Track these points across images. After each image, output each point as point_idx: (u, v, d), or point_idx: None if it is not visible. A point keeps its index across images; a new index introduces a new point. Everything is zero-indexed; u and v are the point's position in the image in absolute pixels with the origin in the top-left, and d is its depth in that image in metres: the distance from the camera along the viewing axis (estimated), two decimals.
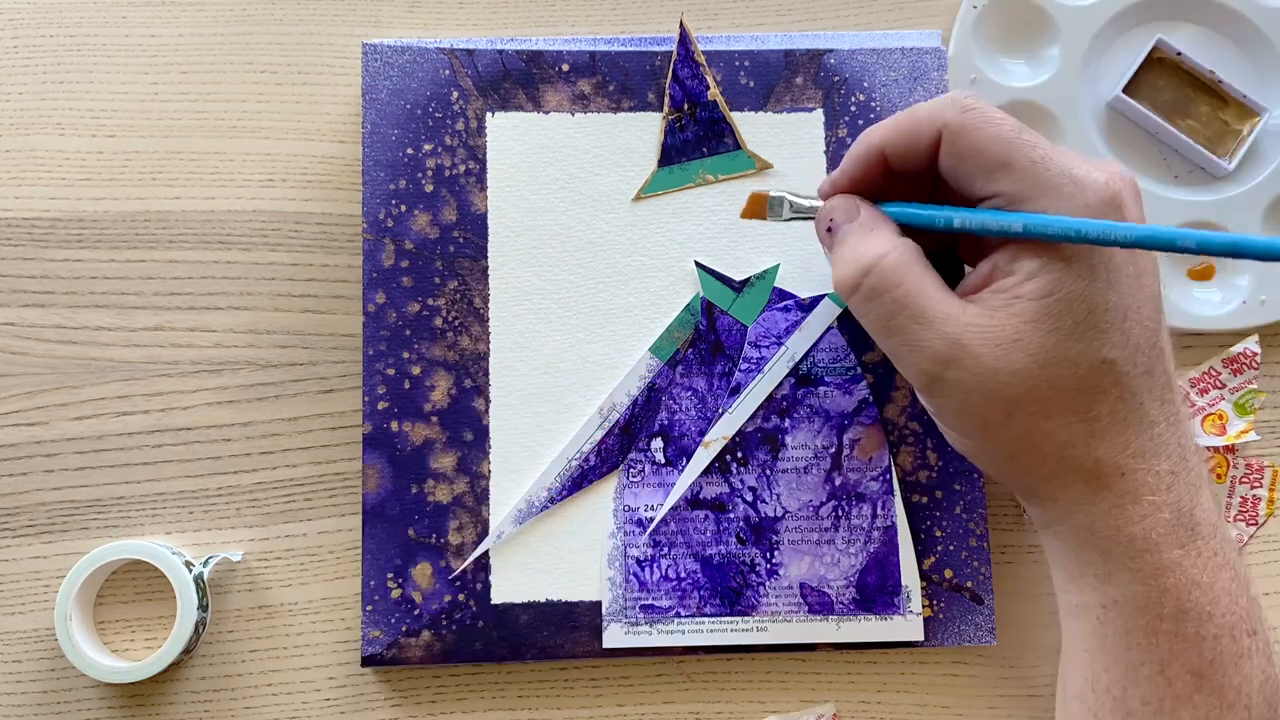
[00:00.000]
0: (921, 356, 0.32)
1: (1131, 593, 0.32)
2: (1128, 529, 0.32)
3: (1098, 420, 0.32)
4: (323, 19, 0.46)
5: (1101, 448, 0.32)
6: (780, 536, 0.42)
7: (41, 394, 0.43)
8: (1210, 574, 0.32)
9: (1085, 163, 0.32)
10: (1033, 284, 0.31)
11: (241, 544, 0.43)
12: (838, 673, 0.43)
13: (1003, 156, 0.32)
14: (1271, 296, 0.44)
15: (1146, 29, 0.46)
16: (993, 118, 0.33)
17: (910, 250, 0.33)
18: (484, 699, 0.42)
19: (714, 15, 0.47)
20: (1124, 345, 0.32)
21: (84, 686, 0.42)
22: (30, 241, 0.44)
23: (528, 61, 0.44)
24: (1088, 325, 0.31)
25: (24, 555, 0.42)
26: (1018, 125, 0.33)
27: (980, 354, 0.31)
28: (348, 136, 0.45)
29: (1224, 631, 0.31)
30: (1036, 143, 0.32)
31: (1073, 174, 0.32)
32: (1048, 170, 0.32)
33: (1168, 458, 0.32)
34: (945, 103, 0.34)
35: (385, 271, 0.43)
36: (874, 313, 0.33)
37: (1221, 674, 0.31)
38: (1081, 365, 0.31)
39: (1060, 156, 0.32)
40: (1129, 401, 0.32)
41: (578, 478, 0.42)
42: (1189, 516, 0.32)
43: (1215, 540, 0.32)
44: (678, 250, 0.43)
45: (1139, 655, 0.32)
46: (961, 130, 0.33)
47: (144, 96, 0.45)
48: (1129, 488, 0.32)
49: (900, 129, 0.34)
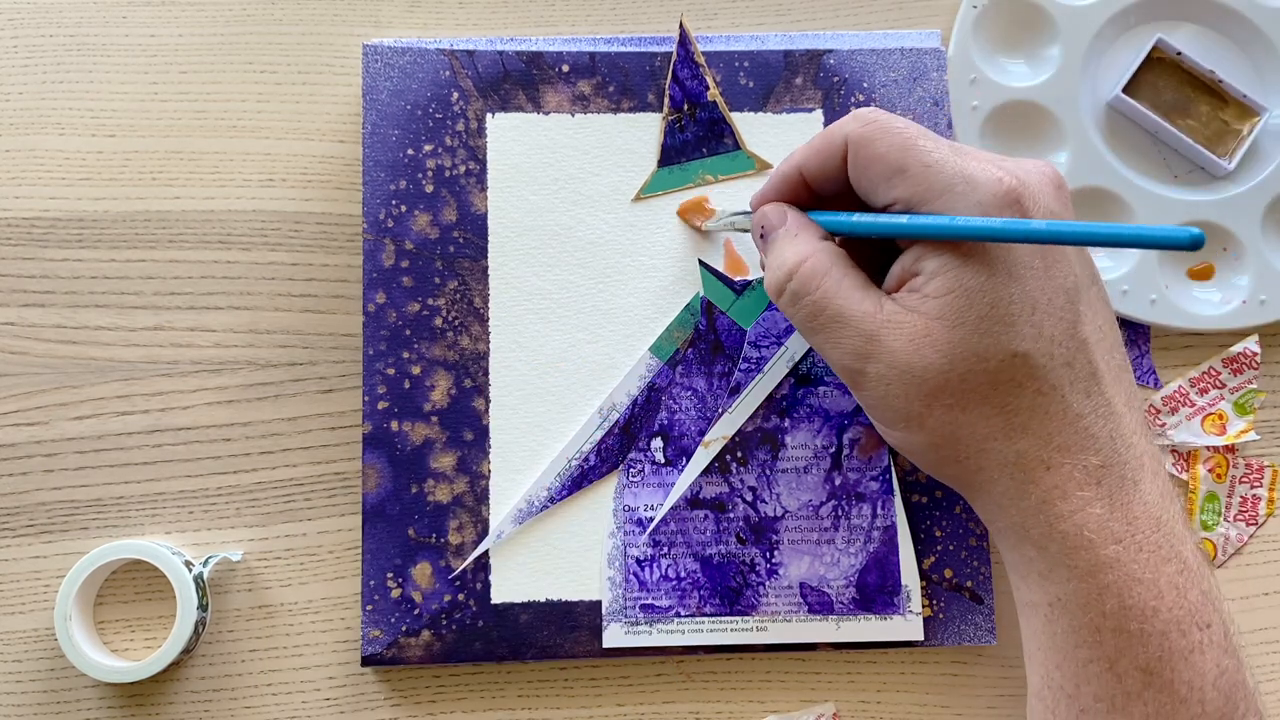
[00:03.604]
0: (842, 352, 0.34)
1: (1072, 589, 0.32)
2: (1059, 525, 0.32)
3: (1016, 414, 0.32)
4: (323, 19, 0.46)
5: (1022, 441, 0.32)
6: (780, 536, 0.42)
7: (41, 394, 0.43)
8: (1152, 569, 0.31)
9: (988, 163, 0.33)
10: (935, 282, 0.32)
11: (241, 544, 0.43)
12: (838, 673, 0.43)
13: (899, 163, 0.33)
14: (1271, 296, 0.44)
15: (1146, 29, 0.46)
16: (890, 127, 0.34)
17: (830, 253, 0.35)
18: (484, 699, 0.42)
19: (714, 15, 0.47)
20: (1036, 338, 0.32)
21: (84, 686, 0.42)
22: (30, 241, 0.44)
23: (528, 62, 0.44)
24: (992, 319, 0.32)
25: (24, 555, 0.42)
26: (918, 132, 0.34)
27: (894, 349, 0.32)
28: (348, 136, 0.45)
29: (1171, 627, 0.31)
30: (933, 148, 0.33)
31: (966, 174, 0.32)
32: (941, 173, 0.32)
33: (1097, 451, 0.32)
34: (850, 118, 0.35)
35: (385, 271, 0.43)
36: (799, 314, 0.35)
37: (1171, 669, 0.31)
38: (991, 359, 0.32)
39: (958, 159, 0.33)
40: (1048, 395, 0.32)
41: (578, 477, 0.42)
42: (1125, 510, 0.32)
43: (1158, 534, 0.32)
44: (678, 250, 0.43)
45: (1087, 653, 0.32)
46: (861, 141, 0.34)
47: (144, 96, 0.45)
48: (1055, 482, 0.32)
49: (812, 149, 0.36)
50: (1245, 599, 0.44)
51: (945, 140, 0.34)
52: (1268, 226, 0.45)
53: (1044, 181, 0.33)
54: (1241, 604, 0.44)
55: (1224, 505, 0.44)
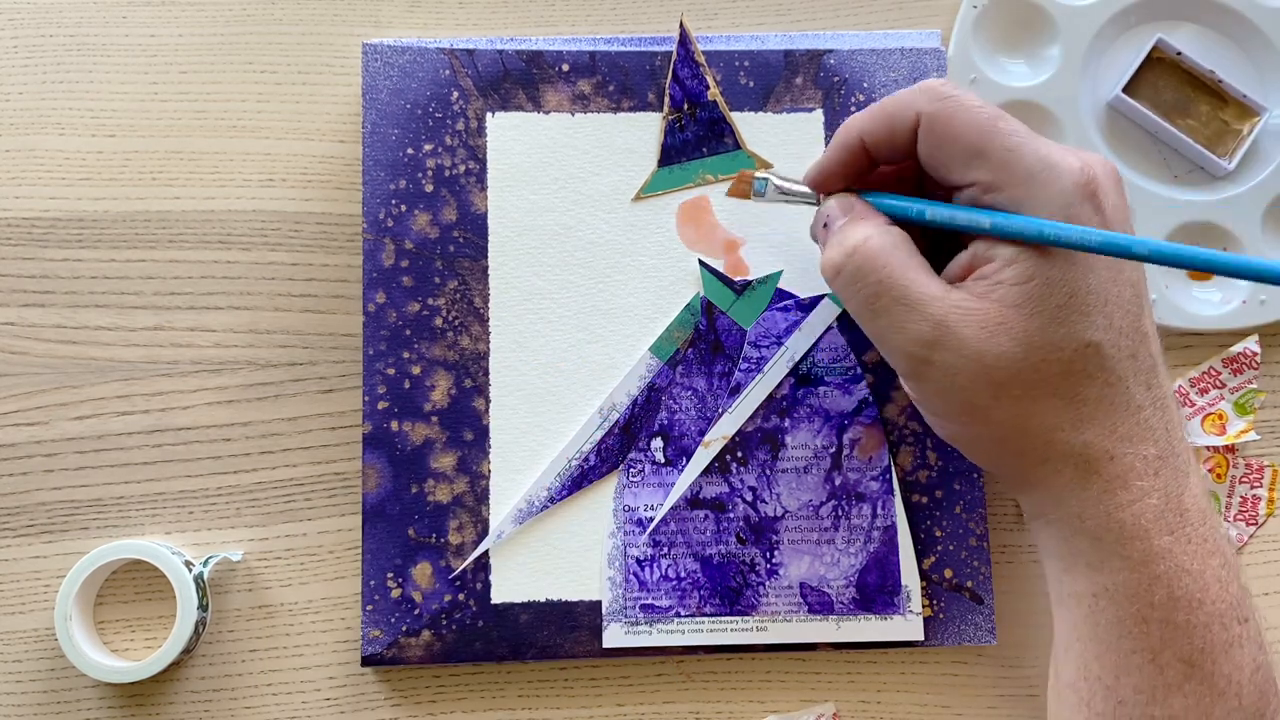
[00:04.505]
0: (906, 339, 0.33)
1: (1123, 580, 0.32)
2: (1117, 515, 0.32)
3: (1084, 404, 0.32)
4: (323, 19, 0.46)
5: (1089, 431, 0.32)
6: (780, 536, 0.42)
7: (41, 394, 0.43)
8: (1200, 561, 0.32)
9: (1062, 150, 0.33)
10: (1012, 270, 0.32)
11: (241, 544, 0.43)
12: (838, 672, 0.43)
13: (978, 145, 0.33)
14: (1271, 296, 0.44)
15: (1146, 29, 0.46)
16: (969, 105, 0.33)
17: (895, 235, 0.34)
18: (484, 699, 0.42)
19: (714, 15, 0.47)
20: (1107, 329, 0.32)
21: (84, 686, 0.42)
22: (30, 241, 0.44)
23: (528, 62, 0.44)
24: (1070, 309, 0.31)
25: (24, 555, 0.42)
26: (994, 112, 0.33)
27: (965, 336, 0.32)
28: (348, 136, 0.45)
29: (1214, 619, 0.31)
30: (1013, 130, 0.33)
31: (1049, 160, 0.32)
32: (1023, 158, 0.32)
33: (1154, 442, 0.32)
34: (921, 90, 0.34)
35: (385, 271, 0.43)
36: (859, 295, 0.34)
37: (1212, 662, 0.31)
38: (1066, 349, 0.32)
39: (1036, 144, 0.32)
40: (1115, 385, 0.32)
41: (578, 477, 0.42)
42: (1177, 502, 0.32)
43: (1205, 526, 0.32)
44: (678, 250, 0.43)
45: (1131, 643, 0.32)
46: (936, 119, 0.33)
47: (144, 96, 0.45)
48: (1117, 472, 0.32)
49: (878, 119, 0.35)
50: None
51: (1018, 121, 0.33)
52: (1268, 226, 0.45)
53: (1109, 173, 0.33)
54: None
55: (1224, 505, 0.44)
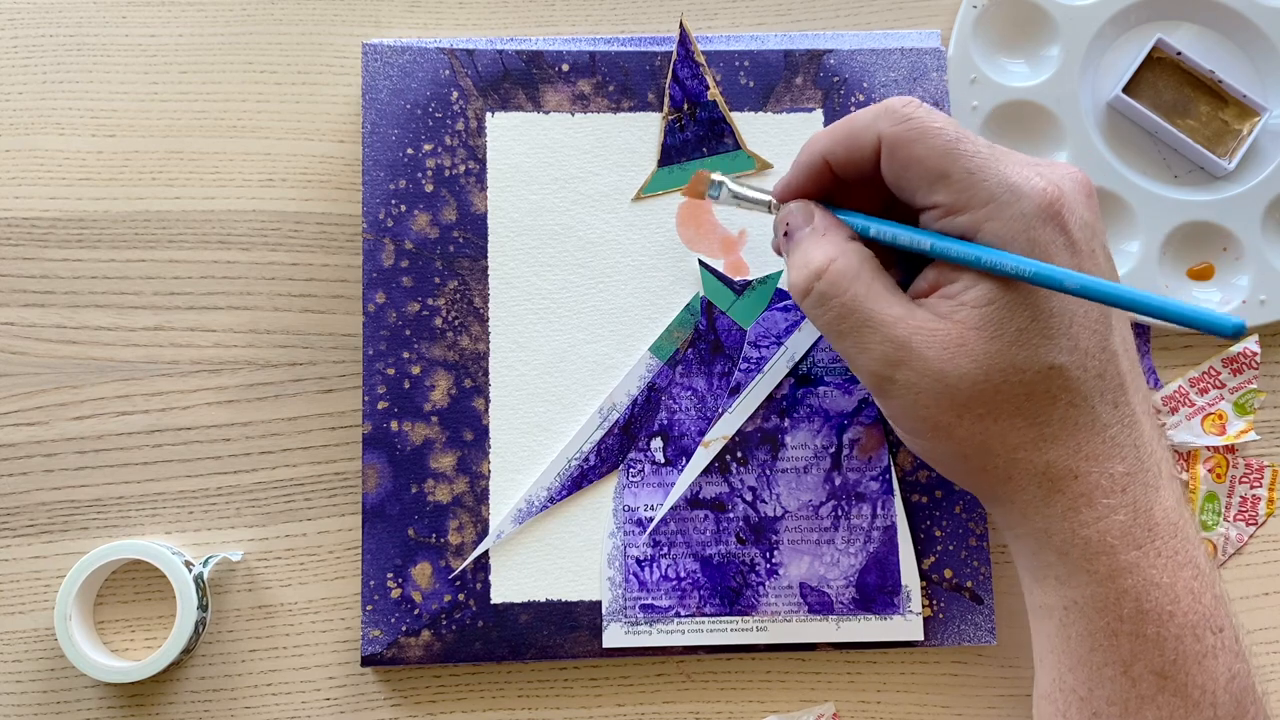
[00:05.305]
0: (870, 358, 0.33)
1: (1090, 594, 0.32)
2: (1082, 532, 0.32)
3: (1048, 424, 0.32)
4: (323, 19, 0.46)
5: (1053, 451, 0.32)
6: (780, 536, 0.42)
7: (41, 394, 0.43)
8: (1170, 574, 0.31)
9: (1027, 168, 0.32)
10: (974, 292, 0.32)
11: (241, 544, 0.43)
12: (838, 673, 0.43)
13: (939, 168, 0.32)
14: (1271, 296, 0.44)
15: (1146, 29, 0.46)
16: (930, 127, 0.33)
17: (859, 254, 0.34)
18: (484, 699, 0.42)
19: (714, 15, 0.47)
20: (1072, 350, 0.31)
21: (84, 686, 0.42)
22: (30, 241, 0.44)
23: (528, 62, 0.44)
24: (1031, 332, 0.31)
25: (24, 555, 0.42)
26: (957, 134, 0.33)
27: (927, 356, 0.32)
28: (348, 136, 0.45)
29: (1186, 631, 0.31)
30: (975, 152, 0.32)
31: (1010, 183, 0.32)
32: (984, 181, 0.32)
33: (1122, 460, 0.32)
34: (882, 112, 0.34)
35: (385, 271, 0.43)
36: (824, 317, 0.34)
37: (1185, 673, 0.31)
38: (1028, 371, 0.31)
39: (999, 165, 0.32)
40: (1079, 406, 0.32)
41: (577, 477, 0.42)
42: (1146, 517, 0.32)
43: (1176, 539, 0.32)
44: (678, 250, 0.43)
45: (1102, 656, 0.32)
46: (898, 143, 0.33)
47: (144, 96, 0.45)
48: (1082, 490, 0.32)
49: (839, 141, 0.35)
50: (1245, 599, 0.44)
51: (983, 140, 0.33)
52: (1268, 226, 0.45)
53: (1077, 189, 0.33)
54: (1241, 604, 0.44)
55: (1224, 505, 0.44)
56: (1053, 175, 0.32)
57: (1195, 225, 0.45)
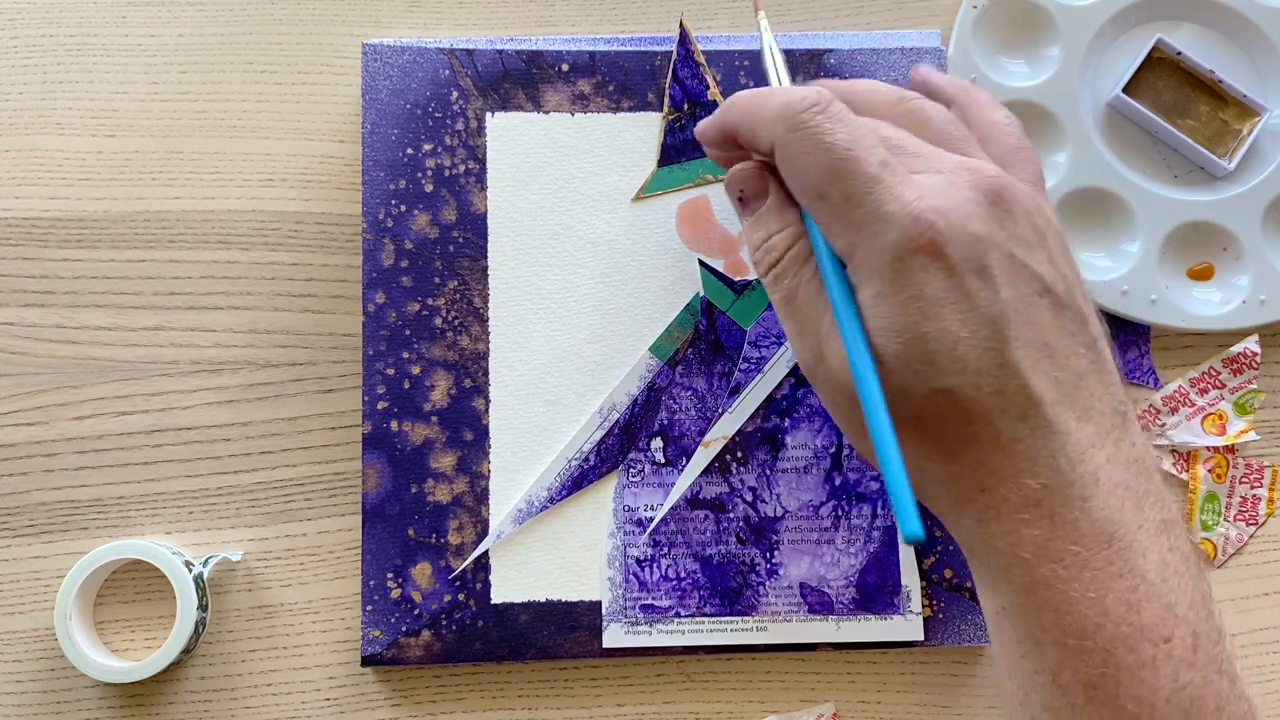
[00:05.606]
0: (800, 348, 0.33)
1: (1012, 602, 0.31)
2: (995, 544, 0.31)
3: (944, 441, 0.31)
4: (323, 19, 0.46)
5: (955, 465, 0.31)
6: (780, 536, 0.42)
7: (41, 394, 0.43)
8: (1098, 586, 0.30)
9: (914, 189, 0.30)
10: (865, 314, 0.31)
11: (241, 544, 0.43)
12: (838, 673, 0.43)
13: (819, 189, 0.31)
14: (1271, 296, 0.44)
15: (1146, 29, 0.46)
16: (818, 143, 0.31)
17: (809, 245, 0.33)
18: (484, 699, 0.42)
19: (714, 15, 0.47)
20: (960, 372, 0.30)
21: (84, 686, 0.42)
22: (30, 241, 0.44)
23: (527, 61, 0.44)
24: (911, 358, 0.30)
25: (24, 555, 0.42)
26: (847, 151, 0.31)
27: (834, 369, 0.31)
28: (348, 136, 0.45)
29: (1116, 643, 0.30)
30: (860, 173, 0.30)
31: (883, 212, 0.30)
32: (858, 209, 0.30)
33: (1035, 474, 0.30)
34: (780, 114, 0.32)
35: (385, 271, 0.43)
36: (776, 295, 0.34)
37: (1115, 685, 0.30)
38: (914, 395, 0.30)
39: (881, 190, 0.30)
40: (977, 424, 0.30)
41: (577, 477, 0.42)
42: (1069, 529, 0.30)
43: (1109, 550, 0.30)
44: (678, 250, 0.43)
45: (1031, 664, 0.31)
46: (786, 153, 0.32)
47: (144, 96, 0.45)
48: (990, 504, 0.31)
49: (744, 128, 0.34)
50: (1245, 599, 0.44)
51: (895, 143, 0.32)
52: (1268, 226, 0.45)
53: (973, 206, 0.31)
54: (1241, 604, 0.44)
55: (1224, 505, 0.44)
56: (941, 197, 0.30)
57: (1195, 225, 0.45)
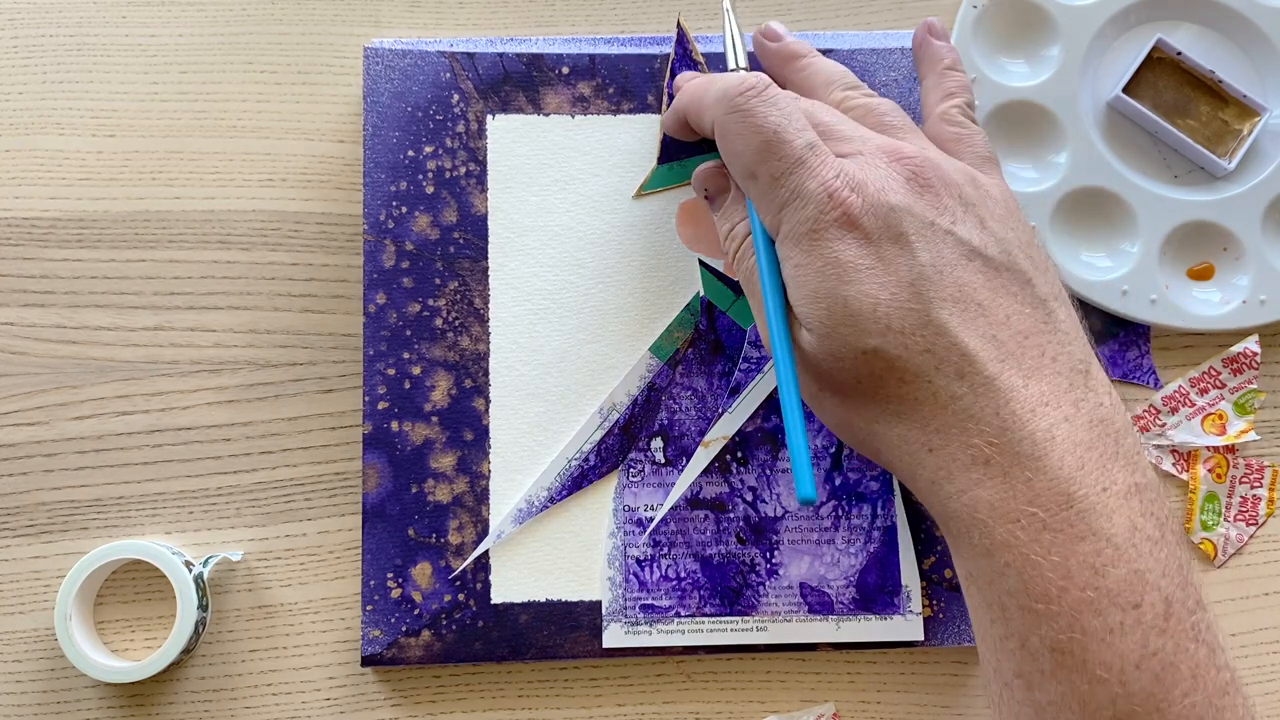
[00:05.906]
0: (760, 326, 0.35)
1: (976, 566, 0.31)
2: (950, 505, 0.31)
3: (888, 400, 0.32)
4: (323, 19, 0.46)
5: (902, 425, 0.32)
6: (780, 536, 0.42)
7: (41, 394, 0.43)
8: (1060, 549, 0.29)
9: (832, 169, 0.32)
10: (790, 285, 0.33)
11: (241, 544, 0.43)
12: (838, 673, 0.43)
13: (749, 168, 0.33)
14: (1271, 296, 0.44)
15: (1146, 29, 0.46)
16: (750, 125, 0.33)
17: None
18: (484, 699, 0.42)
19: (714, 15, 0.47)
20: (884, 333, 0.31)
21: (84, 686, 0.42)
22: (30, 241, 0.44)
23: (528, 64, 0.44)
24: (836, 322, 0.32)
25: (24, 555, 0.42)
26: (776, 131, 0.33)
27: None
28: (348, 137, 0.45)
29: (1083, 607, 0.29)
30: (786, 154, 0.33)
31: (802, 189, 0.32)
32: (781, 188, 0.33)
33: (980, 433, 0.30)
34: (719, 96, 0.34)
35: (386, 272, 0.43)
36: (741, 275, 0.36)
37: (1083, 649, 0.29)
38: (846, 358, 0.32)
39: (802, 170, 0.32)
40: (912, 383, 0.31)
41: (577, 477, 0.42)
42: (1024, 488, 0.30)
43: (1069, 511, 0.29)
44: (678, 250, 0.43)
45: (1000, 629, 0.31)
46: (722, 134, 0.34)
47: (144, 96, 0.45)
48: (939, 463, 0.31)
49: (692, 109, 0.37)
50: (1245, 599, 0.44)
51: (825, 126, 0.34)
52: (1268, 226, 0.45)
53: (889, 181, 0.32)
54: (1241, 604, 0.44)
55: (1224, 505, 0.44)
56: (860, 174, 0.32)
57: (1195, 225, 0.45)
